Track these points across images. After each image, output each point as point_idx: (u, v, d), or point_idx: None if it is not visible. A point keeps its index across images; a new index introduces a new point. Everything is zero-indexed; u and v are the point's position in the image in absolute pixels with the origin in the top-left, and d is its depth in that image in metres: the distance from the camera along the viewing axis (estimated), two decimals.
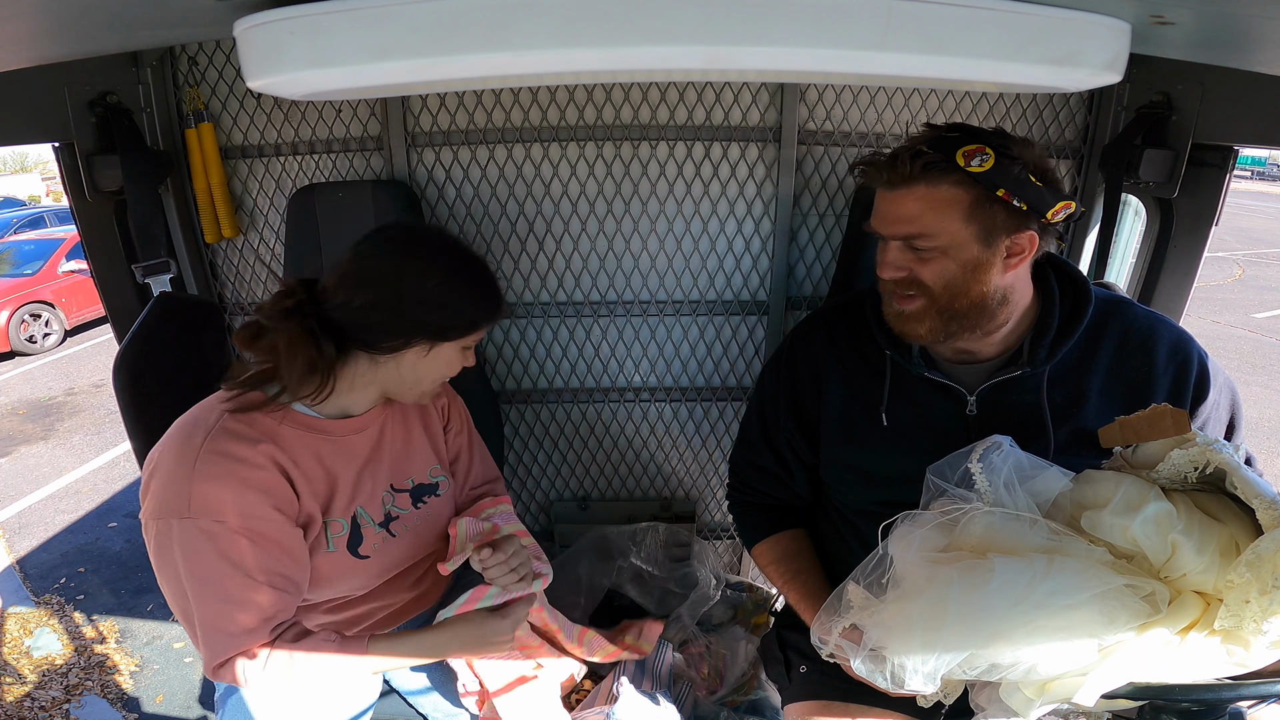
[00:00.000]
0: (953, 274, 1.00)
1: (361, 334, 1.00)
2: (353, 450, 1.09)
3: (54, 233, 9.60)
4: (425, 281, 0.99)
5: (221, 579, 0.95)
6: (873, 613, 0.90)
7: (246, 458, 0.96)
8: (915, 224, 0.98)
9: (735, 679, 1.52)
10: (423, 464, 1.20)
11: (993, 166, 0.94)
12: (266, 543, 0.97)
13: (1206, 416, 1.08)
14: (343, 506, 1.07)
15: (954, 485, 0.93)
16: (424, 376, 1.07)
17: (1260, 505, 0.79)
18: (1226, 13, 0.63)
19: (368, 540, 1.09)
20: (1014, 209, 0.96)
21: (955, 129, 0.99)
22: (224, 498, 0.94)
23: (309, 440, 1.03)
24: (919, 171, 0.96)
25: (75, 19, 0.71)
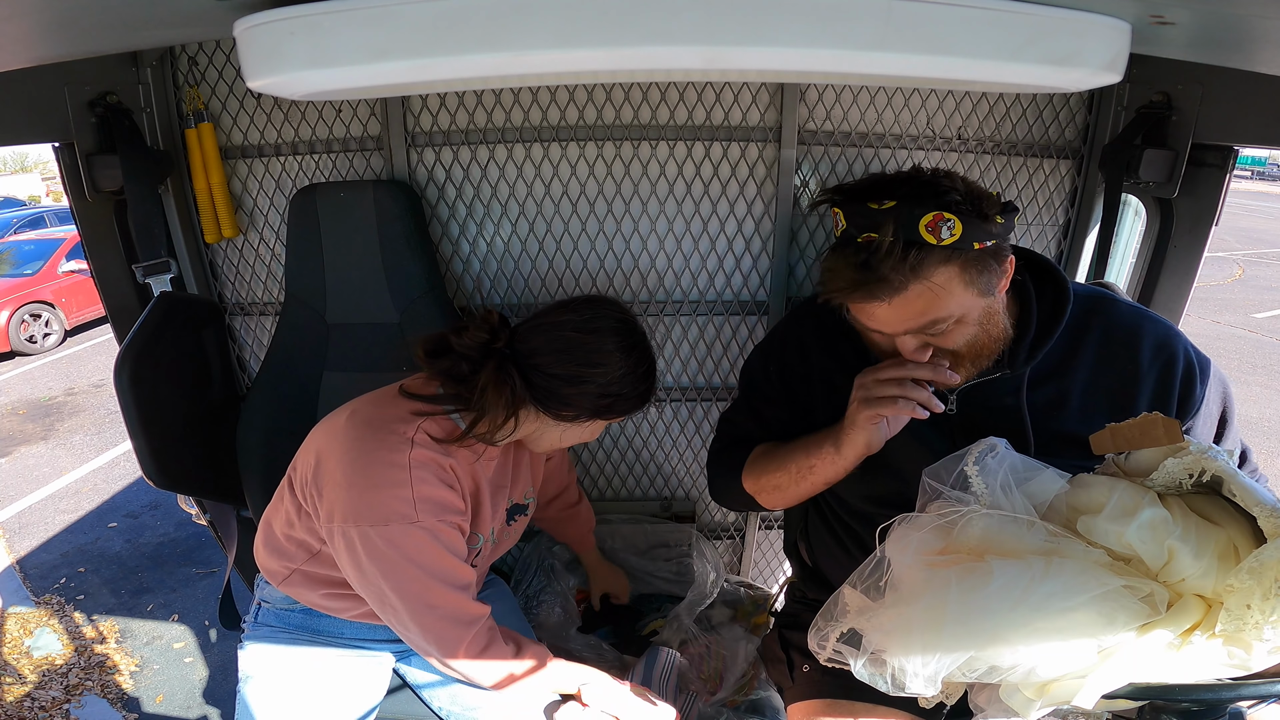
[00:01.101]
0: (974, 333, 0.99)
1: (544, 396, 1.06)
2: (490, 474, 1.18)
3: (54, 233, 9.61)
4: (616, 371, 1.06)
5: (451, 569, 1.07)
6: (871, 616, 0.90)
7: (446, 467, 1.06)
8: (925, 316, 0.96)
9: (735, 679, 1.52)
10: (524, 486, 1.29)
11: (962, 233, 0.91)
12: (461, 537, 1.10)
13: (1194, 414, 1.06)
14: (486, 524, 1.17)
15: (950, 487, 0.93)
16: (567, 438, 1.15)
17: (1262, 513, 0.78)
18: (1226, 13, 0.63)
19: (484, 553, 1.21)
20: (992, 249, 0.95)
21: (877, 192, 0.94)
22: (442, 499, 1.04)
23: (466, 456, 1.11)
24: (908, 274, 0.91)
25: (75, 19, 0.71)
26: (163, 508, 4.45)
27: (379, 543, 1.01)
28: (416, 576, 1.04)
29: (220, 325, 1.64)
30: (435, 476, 1.04)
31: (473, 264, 1.72)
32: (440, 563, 1.05)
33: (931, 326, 0.97)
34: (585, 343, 1.05)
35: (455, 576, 1.07)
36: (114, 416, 5.68)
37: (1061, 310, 1.05)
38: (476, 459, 1.13)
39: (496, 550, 1.29)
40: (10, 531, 4.35)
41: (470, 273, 1.72)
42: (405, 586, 1.04)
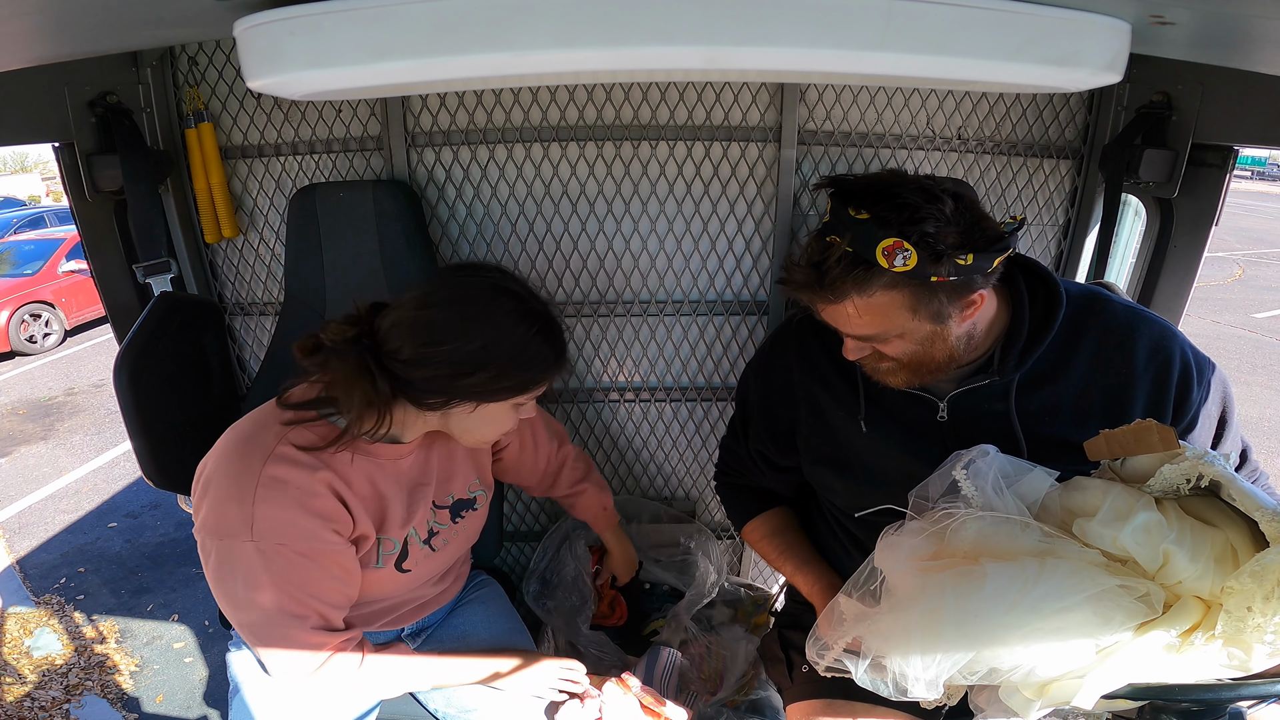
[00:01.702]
0: (914, 350, 1.00)
1: (402, 385, 0.97)
2: (401, 473, 1.10)
3: (54, 233, 9.60)
4: (470, 345, 0.95)
5: (284, 599, 0.98)
6: (869, 623, 0.90)
7: (305, 486, 0.97)
8: (865, 328, 0.97)
9: (735, 679, 1.52)
10: (464, 480, 1.22)
11: (916, 265, 0.89)
12: (325, 562, 1.00)
13: (1192, 415, 1.04)
14: (397, 526, 1.09)
15: (940, 496, 0.93)
16: (473, 429, 1.07)
17: (1263, 517, 0.78)
18: (1226, 13, 0.63)
19: (413, 556, 1.13)
20: (951, 284, 0.92)
21: (861, 200, 0.92)
22: (286, 521, 0.95)
23: (361, 464, 1.04)
24: (849, 286, 0.91)
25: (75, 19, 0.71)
26: (163, 508, 4.45)
27: (215, 555, 0.96)
28: (235, 595, 0.97)
29: (220, 325, 1.64)
30: (284, 497, 0.95)
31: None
32: (264, 591, 0.97)
33: (871, 338, 0.99)
34: (428, 319, 0.95)
35: (289, 605, 0.98)
36: (114, 416, 5.68)
37: (1053, 316, 1.04)
38: (375, 461, 1.05)
39: (449, 550, 1.21)
40: (10, 531, 4.35)
41: None
42: (228, 602, 0.99)
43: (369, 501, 1.05)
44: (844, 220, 0.92)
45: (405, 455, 1.10)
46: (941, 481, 0.94)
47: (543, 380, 1.03)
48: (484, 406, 1.02)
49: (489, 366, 0.96)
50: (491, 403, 1.02)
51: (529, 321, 0.98)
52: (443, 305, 0.96)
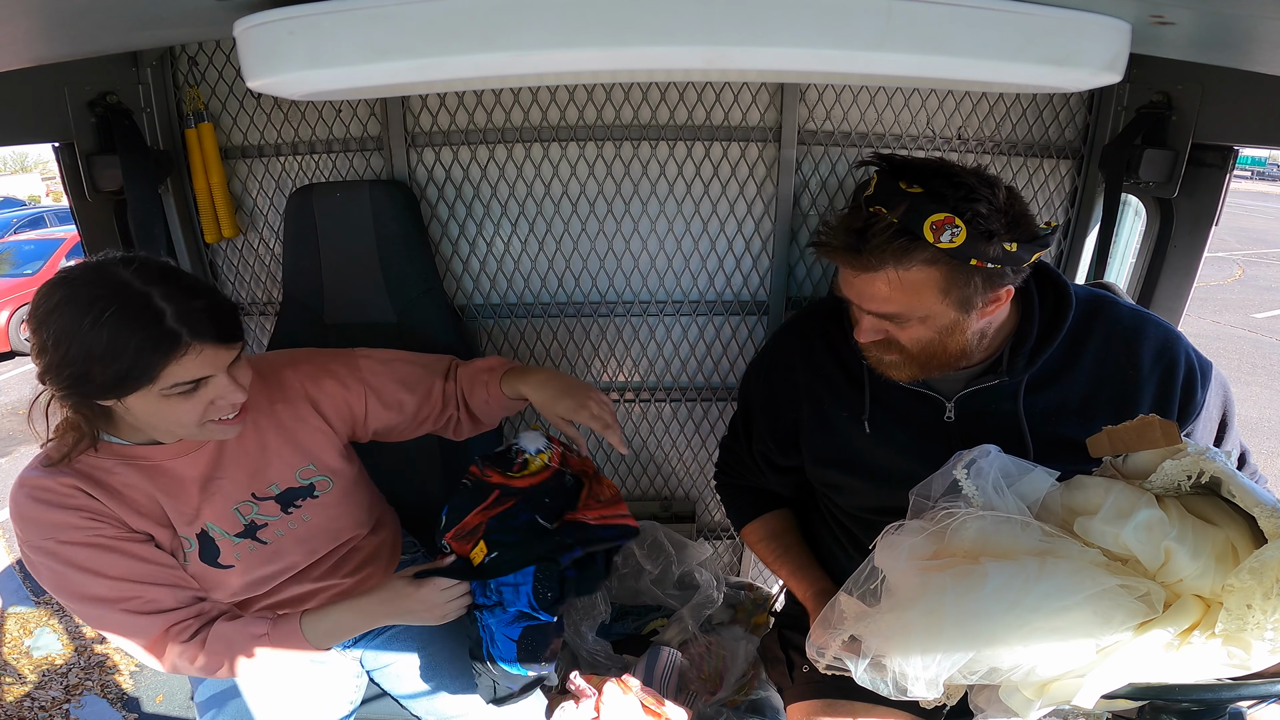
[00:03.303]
0: (930, 338, 0.99)
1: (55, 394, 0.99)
2: (183, 470, 1.08)
3: (54, 233, 9.61)
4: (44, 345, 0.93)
5: (91, 584, 1.01)
6: (869, 622, 0.90)
7: (50, 487, 1.00)
8: (891, 304, 0.96)
9: (735, 679, 1.52)
10: (287, 469, 1.17)
11: (964, 242, 0.89)
12: (110, 546, 1.02)
13: (1195, 417, 1.06)
14: (184, 524, 1.08)
15: (941, 495, 0.93)
16: (155, 424, 1.01)
17: (1261, 513, 0.78)
18: (1226, 13, 0.63)
19: (226, 551, 1.11)
20: (988, 271, 0.92)
21: (918, 176, 0.92)
22: (46, 519, 1.00)
23: (124, 468, 1.04)
24: (889, 256, 0.91)
25: (75, 19, 0.71)
26: None
27: (25, 562, 1.04)
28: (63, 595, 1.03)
29: None
30: (36, 501, 1.00)
31: (472, 264, 1.72)
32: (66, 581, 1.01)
33: (893, 317, 0.98)
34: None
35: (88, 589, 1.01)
36: None
37: (1062, 317, 1.04)
38: (141, 464, 1.05)
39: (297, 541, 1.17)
40: (10, 531, 4.35)
41: (470, 273, 1.72)
42: (70, 605, 1.05)
43: (139, 503, 1.05)
44: (893, 192, 0.92)
45: (181, 454, 1.07)
46: (943, 481, 0.94)
47: (152, 366, 0.92)
48: (127, 401, 0.96)
49: (71, 363, 0.92)
50: (123, 398, 0.95)
51: (96, 309, 0.90)
52: (29, 316, 0.98)
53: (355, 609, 1.12)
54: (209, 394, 0.98)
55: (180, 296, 0.93)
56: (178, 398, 0.96)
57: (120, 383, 0.92)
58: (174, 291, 0.93)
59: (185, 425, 1.00)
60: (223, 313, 0.97)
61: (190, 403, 0.97)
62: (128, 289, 0.92)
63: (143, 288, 0.92)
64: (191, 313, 0.93)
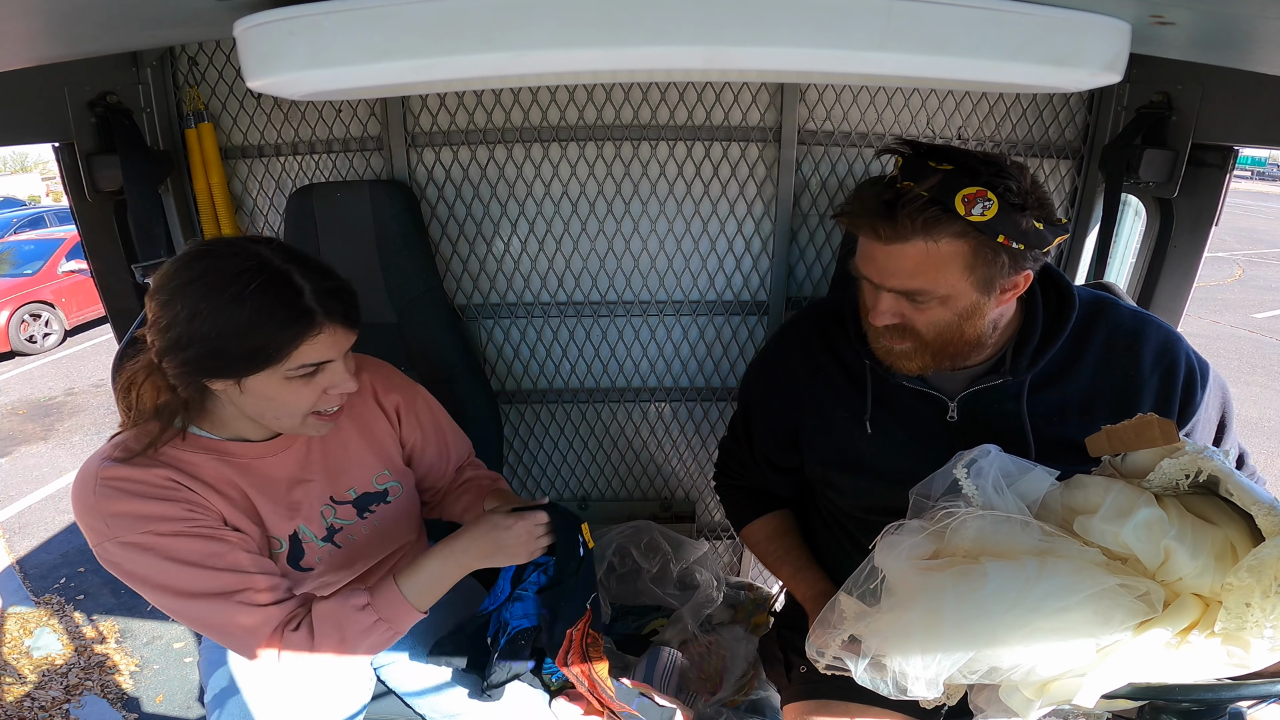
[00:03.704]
0: (948, 322, 0.99)
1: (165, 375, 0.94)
2: (271, 471, 1.05)
3: (54, 233, 9.60)
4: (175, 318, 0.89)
5: (190, 578, 0.94)
6: (869, 622, 0.90)
7: (143, 479, 0.94)
8: (915, 279, 0.95)
9: (735, 679, 1.52)
10: (366, 473, 1.16)
11: (995, 215, 0.90)
12: (210, 535, 0.96)
13: (1195, 418, 1.06)
14: (277, 525, 1.05)
15: (940, 495, 0.93)
16: (264, 411, 0.97)
17: (1259, 511, 0.78)
18: (1226, 13, 0.63)
19: (310, 554, 1.09)
20: (1013, 251, 0.93)
21: (946, 156, 0.93)
22: (136, 509, 0.93)
23: (216, 463, 1.00)
24: (919, 227, 0.91)
25: (75, 19, 0.71)
26: None
27: (111, 567, 0.95)
28: (158, 595, 0.95)
29: None
30: (121, 492, 0.93)
31: (472, 264, 1.72)
32: (168, 577, 0.94)
33: (915, 294, 0.96)
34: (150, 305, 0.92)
35: (195, 584, 0.95)
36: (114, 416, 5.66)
37: (1065, 317, 1.05)
38: (231, 461, 1.01)
39: (366, 547, 1.15)
40: (10, 531, 4.35)
41: (470, 273, 1.72)
42: (159, 602, 0.96)
43: (233, 499, 1.01)
44: (922, 169, 0.92)
45: (271, 454, 1.05)
46: (943, 480, 0.94)
47: (286, 344, 0.90)
48: (248, 382, 0.93)
49: (205, 338, 0.88)
50: (248, 377, 0.92)
51: (240, 282, 0.88)
52: (157, 288, 0.92)
53: (445, 555, 1.05)
54: (324, 381, 0.97)
55: (315, 276, 0.92)
56: (298, 381, 0.94)
57: (252, 359, 0.90)
58: (310, 271, 0.92)
59: (294, 414, 0.98)
60: (351, 295, 0.96)
61: (307, 389, 0.96)
62: (270, 265, 0.90)
63: (283, 265, 0.91)
64: (326, 292, 0.92)
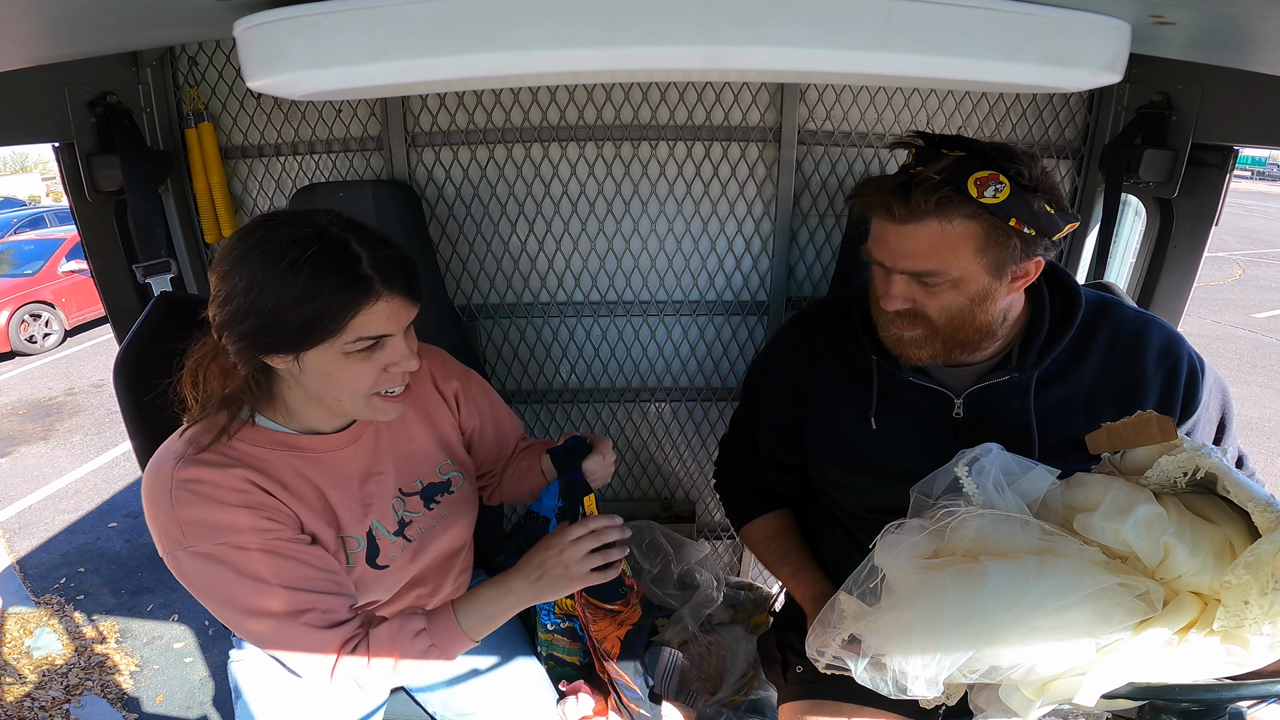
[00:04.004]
0: (959, 306, 0.99)
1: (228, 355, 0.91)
2: (343, 465, 1.03)
3: (54, 233, 9.61)
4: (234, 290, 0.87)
5: (259, 595, 0.92)
6: (869, 621, 0.90)
7: (221, 482, 0.91)
8: (927, 260, 0.96)
9: (735, 679, 1.52)
10: (431, 462, 1.14)
11: (1007, 198, 0.91)
12: (283, 550, 0.93)
13: (1196, 418, 1.07)
14: (353, 522, 1.03)
15: (941, 494, 0.93)
16: (325, 391, 0.94)
17: (1255, 508, 0.79)
18: (1226, 13, 0.63)
19: (385, 551, 1.07)
20: (1025, 236, 0.94)
21: (958, 144, 0.95)
22: (213, 519, 0.90)
23: (289, 459, 0.98)
24: (932, 207, 0.92)
25: (75, 19, 0.71)
26: None
27: (177, 573, 0.93)
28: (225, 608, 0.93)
29: None
30: (199, 497, 0.90)
31: (472, 264, 1.72)
32: (236, 594, 0.92)
33: (927, 275, 0.97)
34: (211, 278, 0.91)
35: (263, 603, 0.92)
36: (114, 416, 5.68)
37: (1072, 315, 1.06)
38: (304, 455, 0.99)
39: (434, 541, 1.13)
40: (10, 531, 4.35)
41: (470, 273, 1.72)
42: (222, 615, 0.94)
43: (309, 499, 0.98)
44: (935, 156, 0.94)
45: (342, 446, 1.03)
46: (944, 478, 0.94)
47: (341, 312, 0.88)
48: (307, 358, 0.90)
49: (261, 309, 0.86)
50: (306, 351, 0.89)
51: (296, 249, 0.85)
52: (217, 260, 0.90)
53: (503, 590, 1.03)
54: (384, 357, 0.94)
55: (374, 244, 0.90)
56: (357, 356, 0.91)
57: (307, 330, 0.87)
58: (368, 239, 0.90)
59: (354, 394, 0.94)
60: (411, 266, 0.93)
61: (367, 365, 0.93)
62: (326, 233, 0.88)
63: (340, 233, 0.89)
64: (385, 261, 0.89)
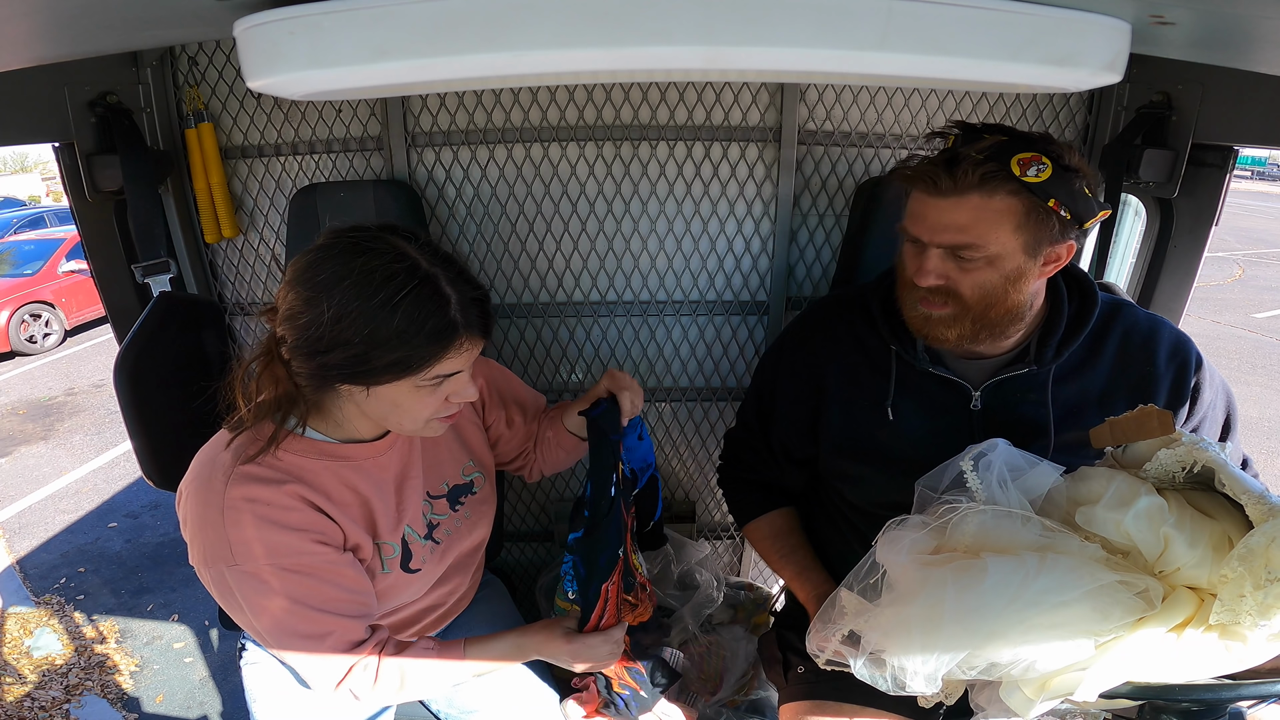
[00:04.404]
0: (993, 284, 0.99)
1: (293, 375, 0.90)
2: (381, 471, 1.04)
3: (54, 233, 9.61)
4: (318, 319, 0.84)
5: (291, 617, 0.94)
6: (869, 617, 0.90)
7: (274, 500, 0.91)
8: (966, 234, 0.96)
9: (735, 679, 1.52)
10: (455, 465, 1.15)
11: (1050, 178, 0.93)
12: (325, 575, 0.95)
13: (1203, 415, 1.10)
14: (389, 529, 1.04)
15: (946, 489, 0.93)
16: (387, 416, 0.95)
17: (1249, 500, 0.79)
18: (1226, 13, 0.63)
19: (417, 555, 1.08)
20: (1062, 219, 0.95)
21: (1000, 130, 0.97)
22: (265, 540, 0.90)
23: (334, 469, 0.98)
24: (976, 181, 0.94)
25: (75, 19, 0.71)
26: (162, 508, 4.45)
27: (212, 583, 0.93)
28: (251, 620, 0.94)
29: (220, 325, 1.63)
30: (253, 516, 0.89)
31: (473, 264, 1.71)
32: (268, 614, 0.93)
33: (965, 249, 0.97)
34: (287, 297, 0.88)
35: (298, 624, 0.94)
36: (114, 416, 5.68)
37: (1088, 310, 1.08)
38: (348, 464, 0.99)
39: (457, 543, 1.14)
40: (10, 531, 4.35)
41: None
42: (245, 624, 0.96)
43: (352, 508, 0.99)
44: (977, 140, 0.96)
45: (381, 453, 1.03)
46: (950, 473, 0.94)
47: (429, 356, 0.86)
48: (377, 390, 0.89)
49: (347, 343, 0.84)
50: (380, 385, 0.88)
51: (391, 287, 0.83)
52: (299, 279, 0.86)
53: (518, 646, 1.08)
54: (449, 389, 0.93)
55: (461, 284, 0.88)
56: (426, 389, 0.91)
57: (394, 369, 0.86)
58: (455, 277, 0.88)
59: (416, 420, 0.94)
60: (487, 304, 0.92)
61: (433, 396, 0.92)
62: (418, 268, 0.85)
63: (430, 268, 0.86)
64: (470, 303, 0.88)
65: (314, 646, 0.96)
